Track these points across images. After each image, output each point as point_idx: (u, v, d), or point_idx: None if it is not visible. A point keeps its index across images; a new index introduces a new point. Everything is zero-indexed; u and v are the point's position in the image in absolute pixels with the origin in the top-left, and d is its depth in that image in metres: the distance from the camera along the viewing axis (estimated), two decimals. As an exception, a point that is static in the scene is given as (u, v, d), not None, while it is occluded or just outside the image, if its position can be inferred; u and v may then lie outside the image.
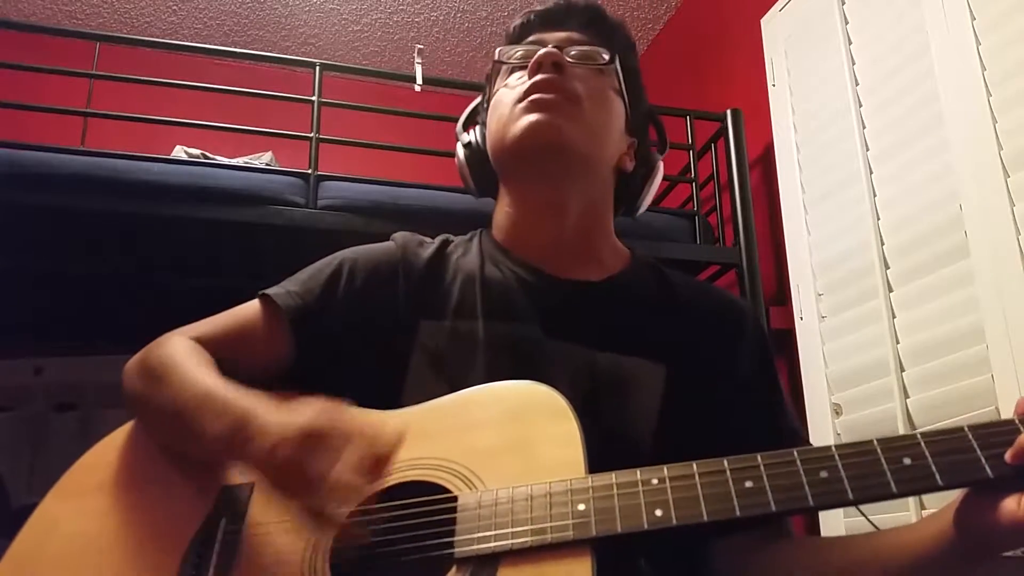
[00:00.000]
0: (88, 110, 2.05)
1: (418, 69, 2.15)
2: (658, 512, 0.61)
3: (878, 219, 1.68)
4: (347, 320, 0.85)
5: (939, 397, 1.46)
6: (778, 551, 0.79)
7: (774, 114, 2.08)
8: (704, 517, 0.60)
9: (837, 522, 1.60)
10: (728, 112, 2.11)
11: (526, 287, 0.87)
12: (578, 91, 0.87)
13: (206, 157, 2.04)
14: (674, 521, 0.60)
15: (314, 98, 1.89)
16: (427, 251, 0.91)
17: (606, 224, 0.94)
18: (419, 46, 2.29)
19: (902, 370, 1.55)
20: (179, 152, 2.07)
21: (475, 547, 0.62)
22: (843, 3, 1.87)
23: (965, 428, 0.60)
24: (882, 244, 1.66)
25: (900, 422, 1.51)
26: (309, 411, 0.65)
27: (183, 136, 2.27)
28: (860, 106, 1.77)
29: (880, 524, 0.96)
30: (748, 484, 0.61)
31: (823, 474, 0.60)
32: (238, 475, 0.75)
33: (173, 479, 0.77)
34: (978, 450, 0.58)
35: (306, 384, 0.84)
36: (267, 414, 0.67)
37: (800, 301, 1.88)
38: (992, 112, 1.44)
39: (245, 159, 2.14)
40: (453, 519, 0.65)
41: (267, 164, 2.11)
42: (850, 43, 1.83)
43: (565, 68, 0.87)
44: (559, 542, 0.61)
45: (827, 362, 1.76)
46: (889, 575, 0.69)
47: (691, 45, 2.68)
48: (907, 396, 1.53)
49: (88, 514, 0.76)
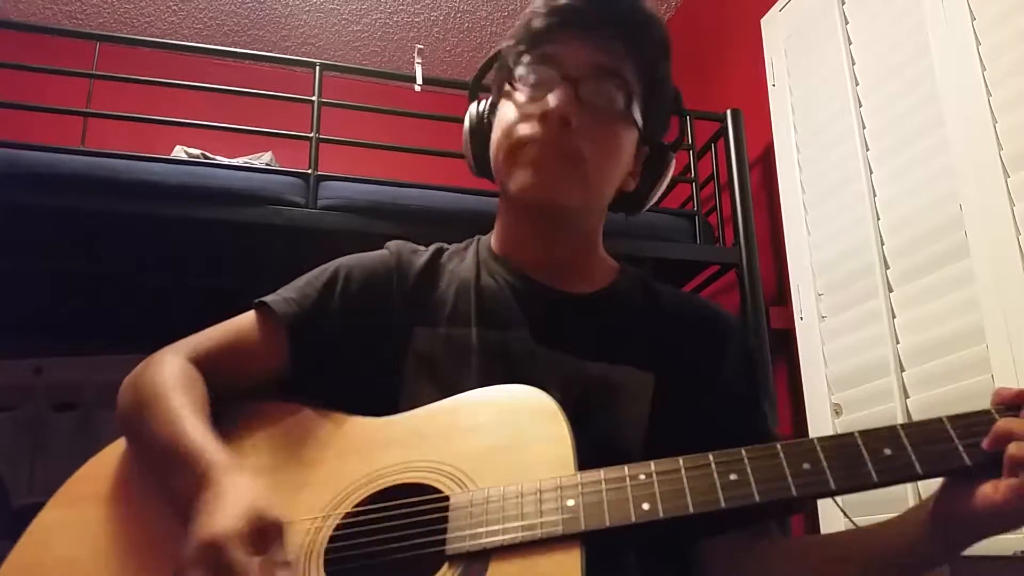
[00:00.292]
0: (88, 110, 2.05)
1: (418, 69, 2.15)
2: (645, 506, 0.62)
3: (878, 219, 1.68)
4: (343, 326, 0.86)
5: (939, 397, 1.46)
6: (764, 551, 0.80)
7: (774, 114, 2.08)
8: (690, 509, 0.61)
9: (837, 523, 1.60)
10: (728, 112, 2.11)
11: (520, 296, 0.88)
12: (583, 153, 0.82)
13: (206, 157, 2.04)
14: (661, 514, 0.61)
15: (314, 98, 1.89)
16: (421, 259, 0.92)
17: (597, 245, 0.94)
18: (419, 46, 2.30)
19: (902, 370, 1.55)
20: (179, 152, 2.07)
21: (466, 544, 0.63)
22: (843, 3, 1.87)
23: (944, 419, 0.61)
24: (882, 244, 1.66)
25: (900, 422, 1.51)
26: (235, 520, 0.62)
27: (183, 136, 2.26)
28: (860, 106, 1.77)
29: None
30: (733, 476, 0.62)
31: (805, 465, 0.61)
32: None
33: None
34: (956, 440, 0.60)
35: (304, 392, 0.84)
36: (206, 504, 0.65)
37: (800, 301, 1.88)
38: (992, 112, 1.44)
39: (245, 159, 2.14)
40: (445, 518, 0.66)
41: (267, 164, 2.11)
42: (850, 43, 1.83)
43: (572, 122, 0.81)
44: (549, 537, 0.62)
45: (827, 362, 1.76)
46: (871, 570, 0.71)
47: (691, 45, 2.68)
48: (907, 396, 1.53)
49: (87, 524, 0.76)
